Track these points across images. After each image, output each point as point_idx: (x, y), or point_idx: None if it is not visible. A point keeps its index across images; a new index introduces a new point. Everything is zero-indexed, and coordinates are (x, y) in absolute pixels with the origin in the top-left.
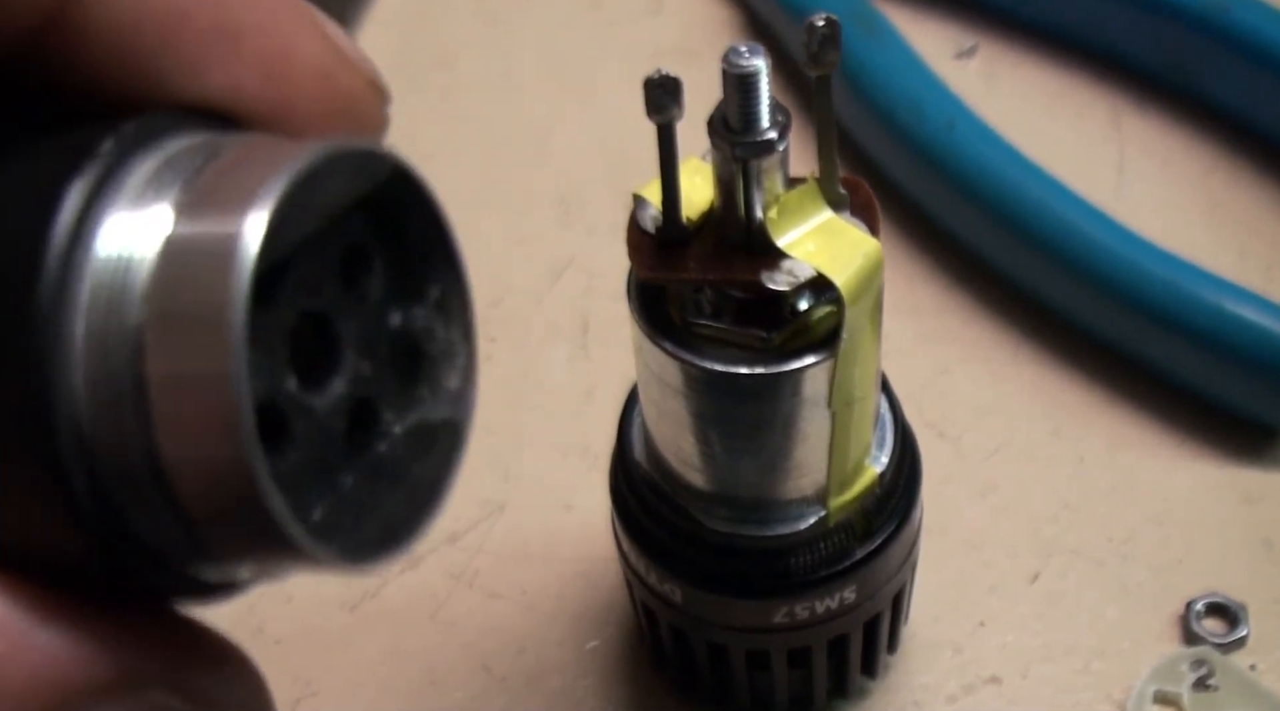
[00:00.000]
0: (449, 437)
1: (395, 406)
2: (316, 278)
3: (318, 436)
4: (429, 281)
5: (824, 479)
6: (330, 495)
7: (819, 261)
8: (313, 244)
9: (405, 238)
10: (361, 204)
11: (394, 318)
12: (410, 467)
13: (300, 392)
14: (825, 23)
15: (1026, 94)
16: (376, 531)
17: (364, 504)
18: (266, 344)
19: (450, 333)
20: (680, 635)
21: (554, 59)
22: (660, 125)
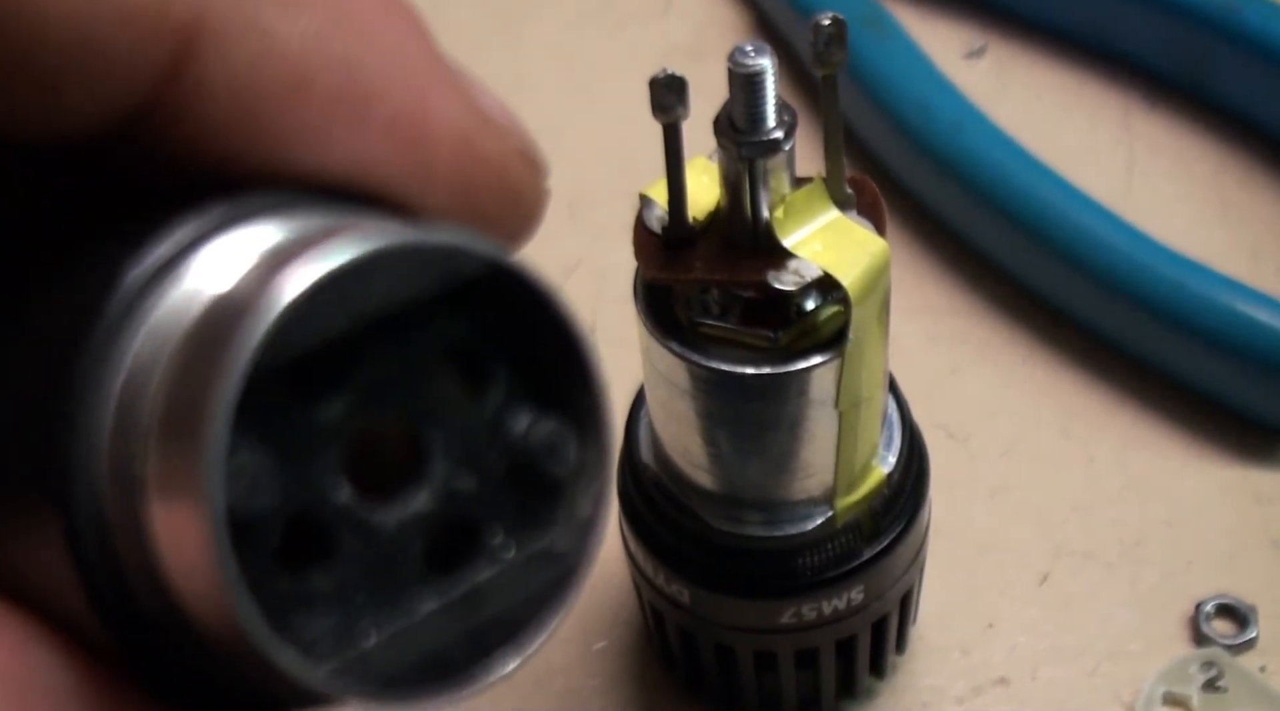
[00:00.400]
0: (560, 571)
1: (508, 530)
2: (390, 381)
3: (379, 555)
4: (558, 393)
5: (831, 479)
6: (396, 620)
7: (825, 261)
8: (384, 343)
9: (529, 343)
10: (465, 301)
11: (515, 431)
12: (512, 600)
13: (356, 505)
14: (831, 22)
15: (1036, 94)
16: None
17: (441, 632)
18: (305, 448)
19: (580, 453)
20: (688, 636)
21: (563, 60)
22: (666, 125)
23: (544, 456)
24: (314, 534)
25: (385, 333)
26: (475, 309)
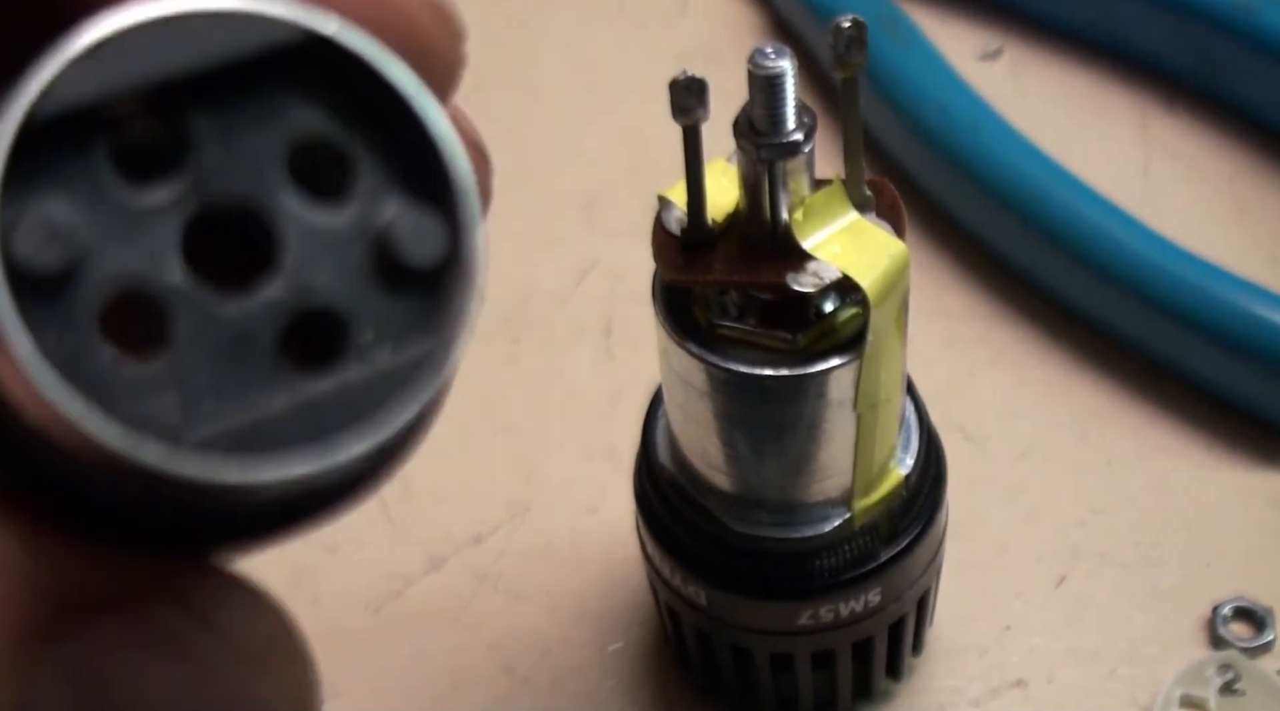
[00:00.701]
0: (423, 365)
1: (380, 330)
2: (229, 161)
3: (225, 343)
4: (423, 184)
5: (849, 481)
6: (241, 411)
7: (844, 263)
8: (220, 120)
9: (392, 132)
10: (317, 87)
11: (377, 222)
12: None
13: (194, 287)
14: (851, 24)
15: (1052, 96)
16: (273, 447)
17: (294, 427)
18: (131, 218)
19: (446, 240)
20: (704, 637)
21: (579, 60)
22: (685, 127)
23: (408, 245)
24: (148, 315)
25: (220, 109)
26: (331, 96)
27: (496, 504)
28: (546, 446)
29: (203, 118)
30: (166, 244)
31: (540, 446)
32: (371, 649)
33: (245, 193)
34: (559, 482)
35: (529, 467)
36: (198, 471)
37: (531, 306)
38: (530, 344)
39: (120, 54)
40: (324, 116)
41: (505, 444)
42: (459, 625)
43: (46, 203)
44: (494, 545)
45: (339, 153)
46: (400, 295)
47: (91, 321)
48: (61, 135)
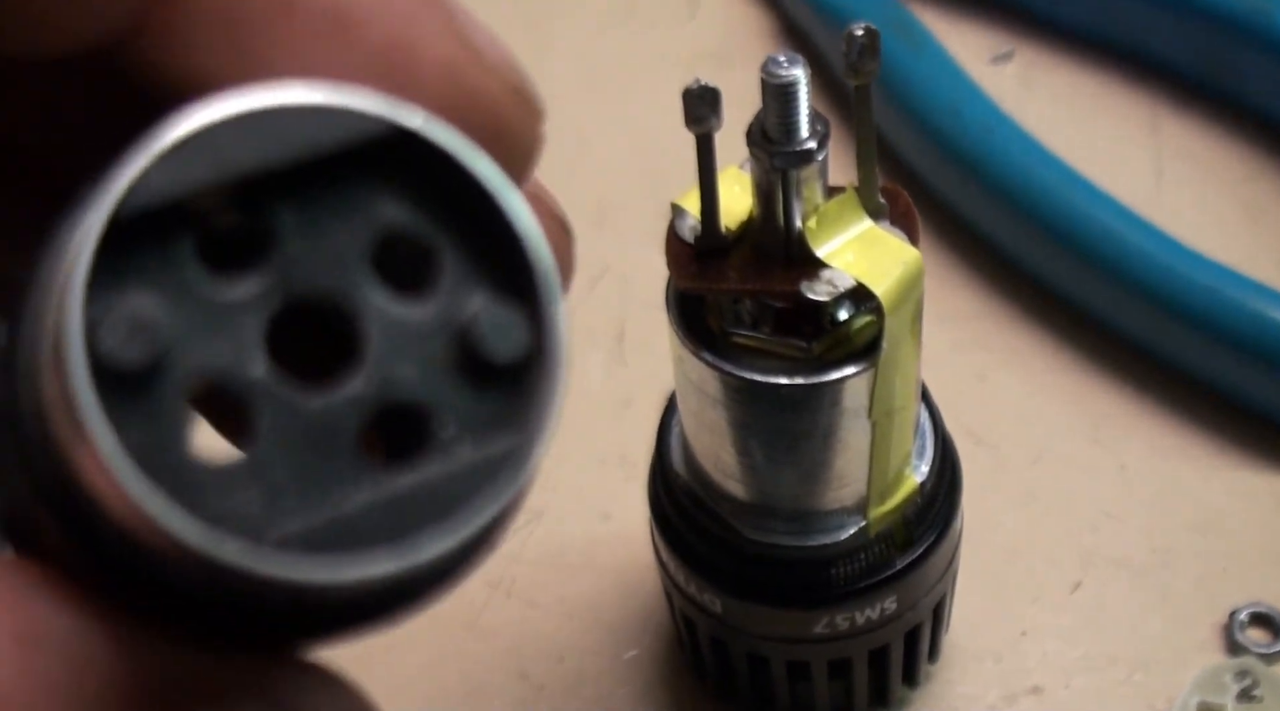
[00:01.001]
0: (507, 461)
1: (462, 424)
2: (315, 256)
3: (303, 437)
4: (507, 278)
5: (864, 489)
6: (324, 508)
7: (858, 271)
8: (305, 216)
9: (477, 228)
10: (405, 183)
11: (461, 317)
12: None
13: (277, 382)
14: (864, 32)
15: (1063, 99)
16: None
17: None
18: (215, 313)
19: (530, 335)
20: (720, 645)
21: (588, 65)
22: (699, 136)
23: (491, 341)
24: (232, 409)
25: (305, 203)
26: (415, 190)
27: None
28: (559, 452)
29: (288, 212)
30: (251, 338)
31: (552, 452)
32: (386, 656)
33: (329, 287)
34: (572, 489)
35: (542, 474)
36: (278, 570)
37: None
38: None
39: (206, 149)
40: (408, 210)
41: None
42: (473, 632)
43: (132, 297)
44: (507, 552)
45: (423, 246)
46: (484, 390)
47: (176, 416)
48: (147, 230)
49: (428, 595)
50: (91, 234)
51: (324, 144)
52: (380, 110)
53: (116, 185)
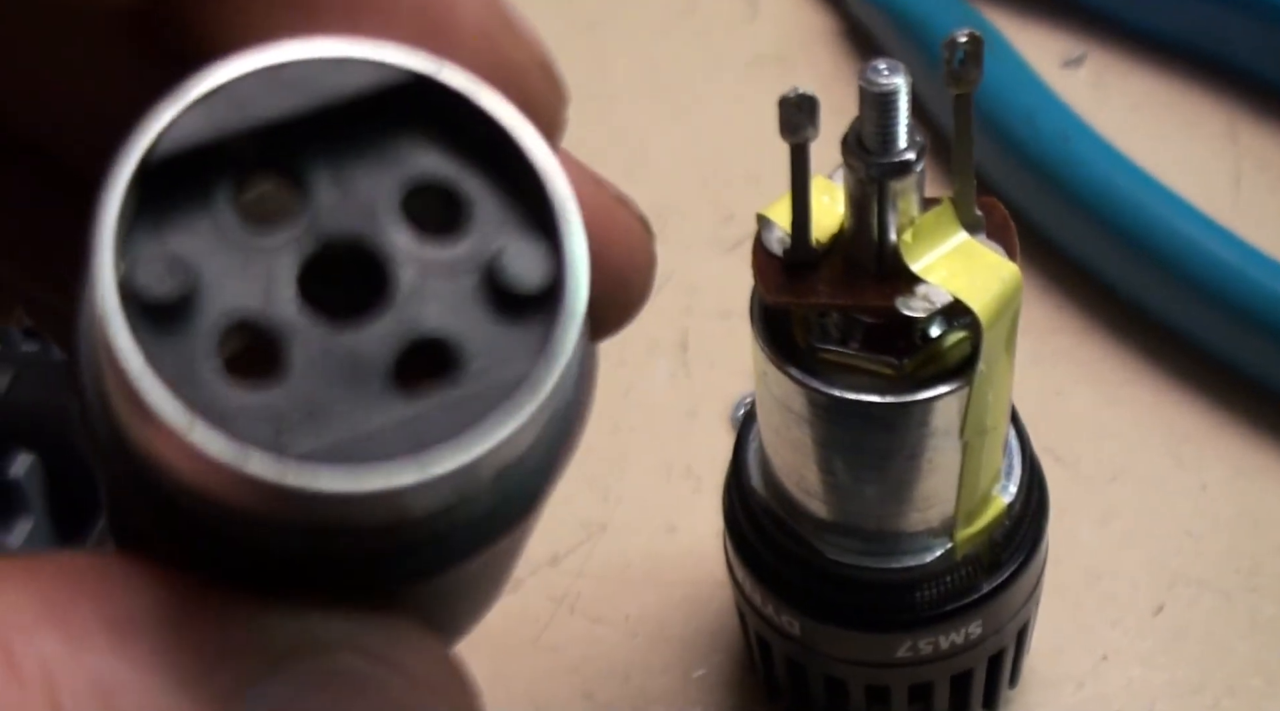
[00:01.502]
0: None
1: (487, 353)
2: (346, 201)
3: (333, 372)
4: (533, 215)
5: (952, 510)
6: (347, 430)
7: (955, 286)
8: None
9: (500, 168)
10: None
11: (487, 253)
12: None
13: (304, 321)
14: (968, 39)
15: (1137, 104)
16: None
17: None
18: (251, 253)
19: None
20: (797, 667)
21: (647, 67)
22: (794, 146)
23: (515, 273)
24: (265, 344)
25: (334, 152)
26: (439, 136)
27: (572, 523)
28: (622, 464)
29: (318, 161)
30: (283, 278)
31: (616, 464)
32: None
33: (359, 231)
34: (636, 502)
35: (604, 486)
36: (301, 480)
37: None
38: (604, 358)
39: (234, 98)
40: (434, 155)
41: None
42: (537, 648)
43: (169, 239)
44: (571, 566)
45: (449, 190)
46: (509, 321)
47: (209, 350)
48: (184, 178)
49: (486, 536)
50: (122, 175)
51: (345, 92)
52: (399, 59)
53: (148, 131)
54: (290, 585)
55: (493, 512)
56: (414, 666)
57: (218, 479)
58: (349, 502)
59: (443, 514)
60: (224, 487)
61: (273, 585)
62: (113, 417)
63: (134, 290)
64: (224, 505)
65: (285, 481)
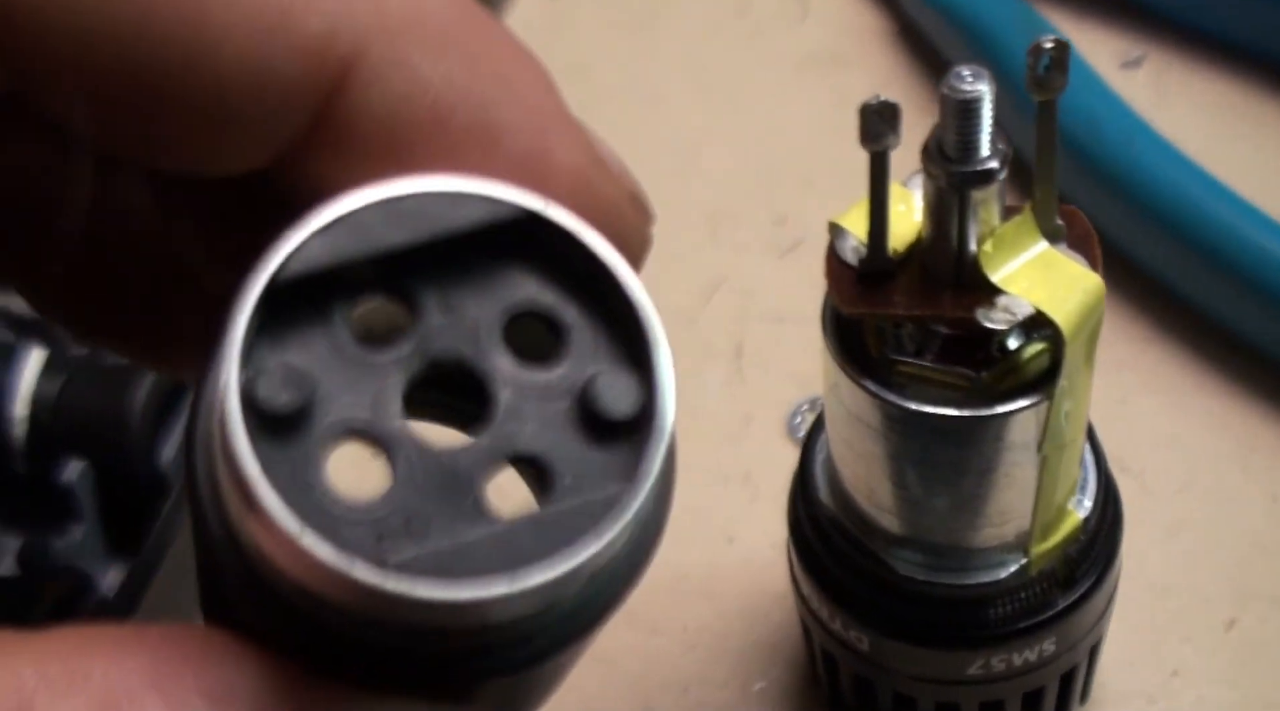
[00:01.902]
0: (601, 515)
1: (576, 475)
2: (453, 325)
3: (433, 484)
4: (624, 346)
5: (1028, 525)
6: (446, 542)
7: (1037, 298)
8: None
9: (598, 302)
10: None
11: (581, 379)
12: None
13: (408, 433)
14: (1054, 45)
15: (1199, 107)
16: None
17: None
18: (362, 369)
19: (641, 395)
20: (864, 684)
21: (697, 68)
22: (874, 153)
23: (608, 401)
24: (370, 450)
25: (444, 280)
26: (542, 268)
27: None
28: (678, 472)
29: (429, 287)
30: (391, 395)
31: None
32: None
33: (463, 353)
34: (692, 511)
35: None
36: (399, 587)
37: None
38: None
39: (353, 228)
40: (536, 285)
41: None
42: (594, 659)
43: (290, 354)
44: None
45: (548, 317)
46: (599, 445)
47: (320, 458)
48: (306, 301)
49: (562, 645)
50: (251, 294)
51: (457, 224)
52: (508, 196)
53: (276, 255)
54: (377, 677)
55: (574, 617)
56: None
57: (322, 580)
58: (443, 609)
59: (528, 620)
60: (327, 588)
61: (361, 676)
62: (225, 515)
63: (254, 400)
64: (325, 602)
65: (385, 587)
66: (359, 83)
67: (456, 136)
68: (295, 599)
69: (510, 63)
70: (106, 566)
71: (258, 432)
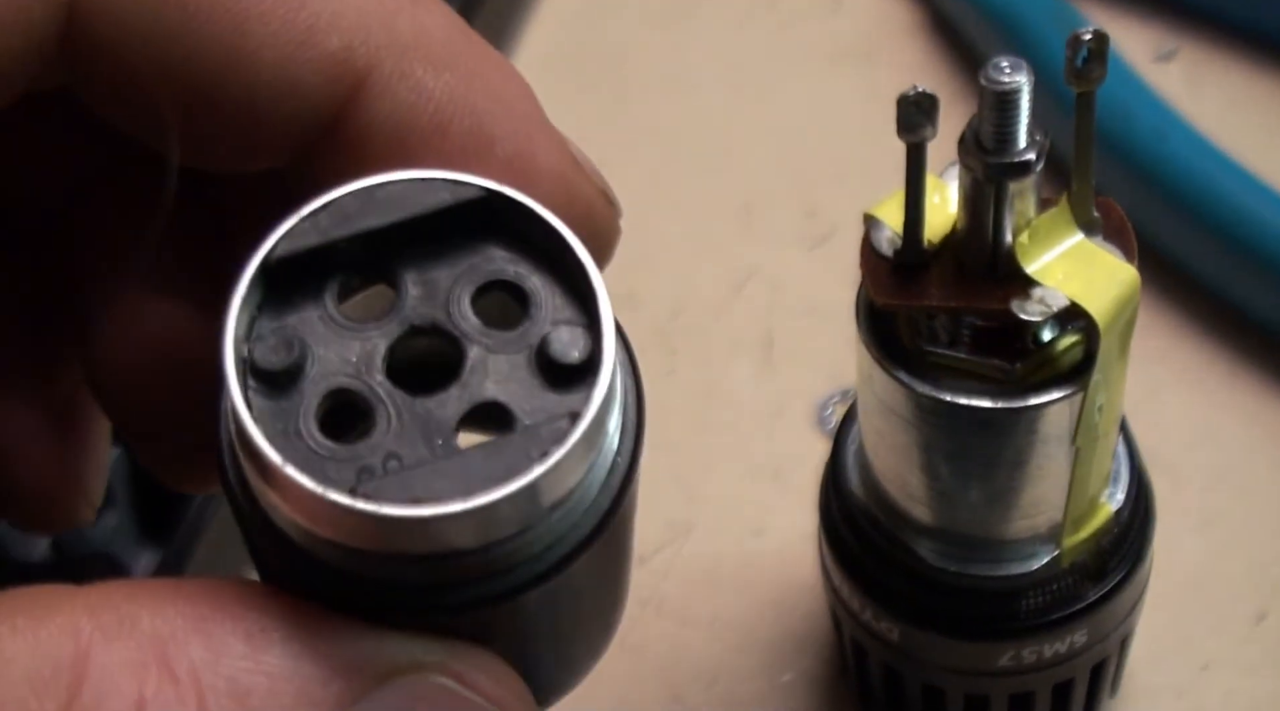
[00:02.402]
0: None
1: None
2: (429, 297)
3: (410, 431)
4: (577, 301)
5: (1060, 517)
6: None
7: (1072, 289)
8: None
9: (552, 265)
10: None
11: (540, 333)
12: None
13: (388, 388)
14: (1093, 37)
15: (1233, 100)
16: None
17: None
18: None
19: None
20: (893, 675)
21: (729, 59)
22: (911, 145)
23: (559, 348)
24: (357, 410)
25: (421, 256)
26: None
27: (657, 523)
28: (707, 464)
29: (408, 265)
30: (375, 357)
31: (700, 464)
32: None
33: (438, 319)
34: (722, 502)
35: (689, 486)
36: (367, 506)
37: (688, 316)
38: (687, 356)
39: (335, 214)
40: (503, 259)
41: (663, 460)
42: (624, 649)
43: (285, 322)
44: (658, 567)
45: (514, 285)
46: (554, 389)
47: (309, 411)
48: (300, 277)
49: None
50: (247, 272)
51: (427, 206)
52: (470, 179)
53: (270, 239)
54: (391, 615)
55: (549, 551)
56: (493, 690)
57: (306, 508)
58: (408, 529)
59: (500, 548)
60: (315, 520)
61: (378, 615)
62: (240, 471)
63: (253, 362)
64: (318, 537)
65: (355, 507)
66: (371, 93)
67: (454, 142)
68: (298, 538)
69: (500, 78)
70: (140, 553)
71: (257, 389)
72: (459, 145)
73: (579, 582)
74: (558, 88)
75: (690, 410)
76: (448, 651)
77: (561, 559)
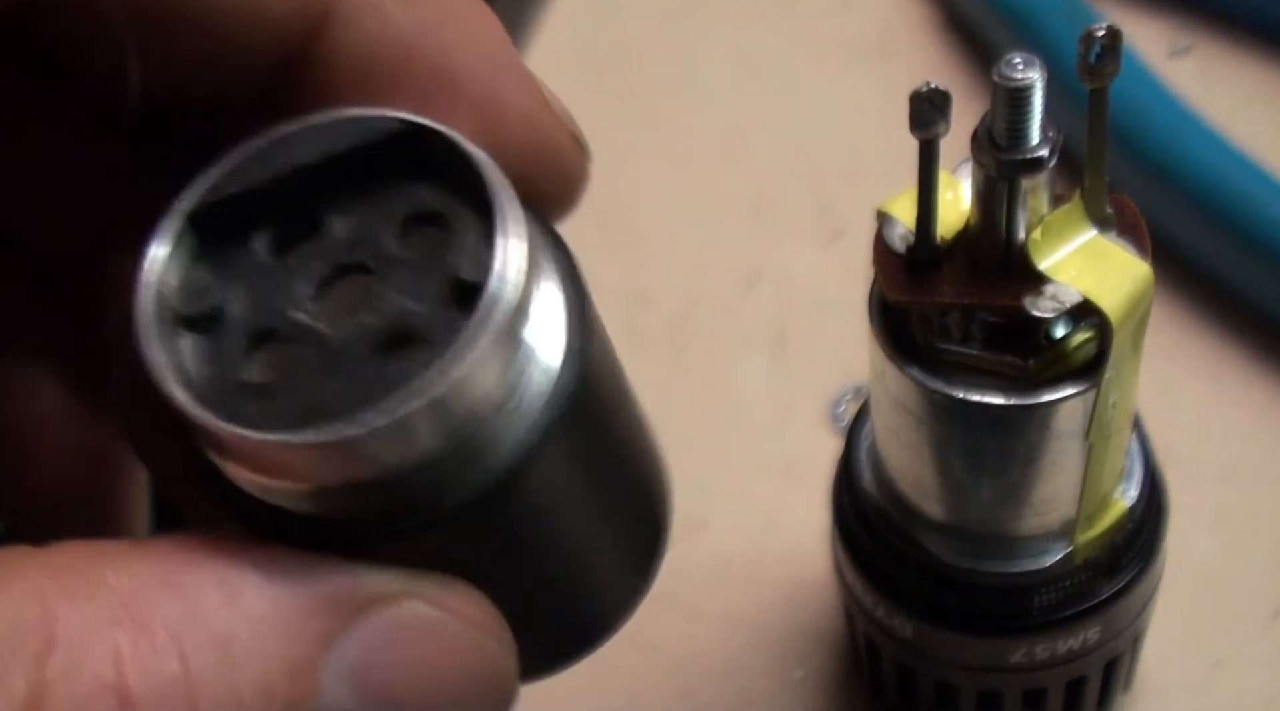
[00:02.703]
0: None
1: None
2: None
3: (329, 362)
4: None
5: (1073, 513)
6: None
7: (1085, 286)
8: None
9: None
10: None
11: (451, 258)
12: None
13: (310, 326)
14: (1106, 33)
15: (1247, 96)
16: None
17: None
18: (275, 282)
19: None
20: (906, 671)
21: (742, 56)
22: (923, 141)
23: (465, 269)
24: (285, 350)
25: (344, 193)
26: (436, 180)
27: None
28: (719, 461)
29: (333, 206)
30: (300, 296)
31: (713, 461)
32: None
33: (362, 257)
34: (734, 499)
35: (702, 483)
36: (275, 436)
37: (699, 314)
38: (698, 353)
39: (262, 159)
40: (427, 194)
41: (676, 457)
42: (635, 645)
43: (211, 267)
44: (670, 563)
45: (437, 217)
46: (462, 311)
47: (234, 352)
48: (229, 223)
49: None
50: (168, 222)
51: (349, 144)
52: (390, 113)
53: (194, 189)
54: (358, 551)
55: (496, 460)
56: (467, 611)
57: (234, 450)
58: (312, 454)
59: (441, 461)
60: (242, 457)
61: (345, 553)
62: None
63: (177, 308)
64: (259, 482)
65: (266, 438)
66: (338, 23)
67: (420, 77)
68: (250, 488)
69: (471, 14)
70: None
71: (187, 337)
72: (425, 81)
73: (557, 485)
74: (570, 85)
75: (702, 407)
76: (420, 579)
77: (515, 466)
